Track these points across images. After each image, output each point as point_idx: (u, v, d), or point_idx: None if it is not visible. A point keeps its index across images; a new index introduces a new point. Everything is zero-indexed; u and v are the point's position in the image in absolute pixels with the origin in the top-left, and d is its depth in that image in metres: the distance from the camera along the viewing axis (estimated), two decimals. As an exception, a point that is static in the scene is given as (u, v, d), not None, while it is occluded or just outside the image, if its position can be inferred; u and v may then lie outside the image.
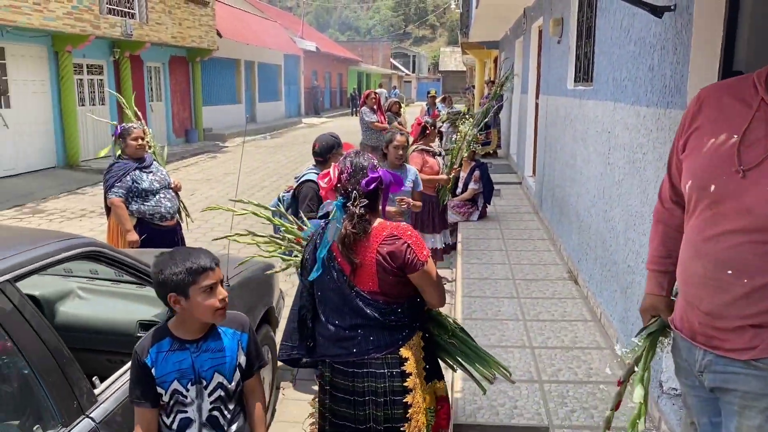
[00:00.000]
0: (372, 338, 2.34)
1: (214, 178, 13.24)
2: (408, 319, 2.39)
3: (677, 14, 3.26)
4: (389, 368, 2.35)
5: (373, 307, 2.32)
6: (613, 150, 4.58)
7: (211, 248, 7.07)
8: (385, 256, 2.27)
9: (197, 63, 19.79)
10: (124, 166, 4.81)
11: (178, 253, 2.14)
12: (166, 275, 2.09)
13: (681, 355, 1.94)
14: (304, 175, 4.23)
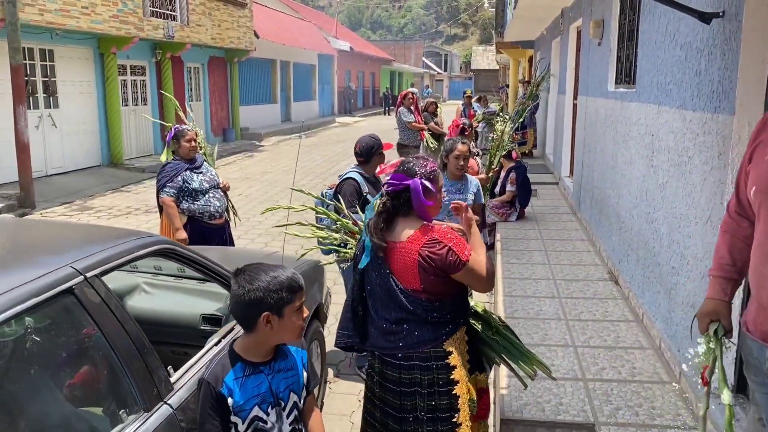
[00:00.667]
0: (416, 333, 2.48)
1: (252, 177, 13.49)
2: (451, 315, 2.52)
3: (726, 21, 3.31)
4: (435, 361, 2.48)
5: (417, 304, 2.46)
6: (657, 153, 4.62)
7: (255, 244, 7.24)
8: (426, 258, 2.40)
9: (235, 63, 20.14)
10: (176, 167, 5.01)
11: (264, 270, 2.06)
12: (261, 294, 1.99)
13: (752, 353, 2.01)
14: (346, 174, 4.39)
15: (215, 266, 3.12)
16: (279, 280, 2.04)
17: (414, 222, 2.50)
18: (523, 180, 8.07)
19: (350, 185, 4.26)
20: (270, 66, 24.63)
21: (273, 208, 3.43)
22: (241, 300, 2.03)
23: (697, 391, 3.48)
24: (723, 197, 3.26)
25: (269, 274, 2.05)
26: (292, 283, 2.06)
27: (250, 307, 2.03)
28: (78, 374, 2.30)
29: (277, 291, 2.01)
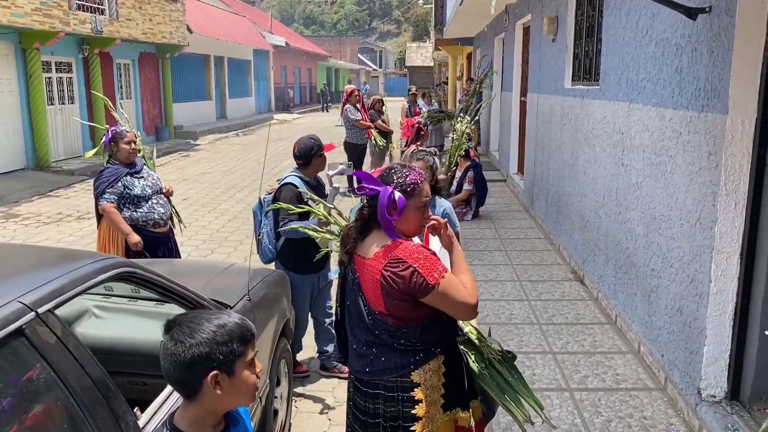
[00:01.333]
0: (383, 358, 2.19)
1: (190, 178, 12.90)
2: (422, 344, 2.19)
3: (713, 16, 3.21)
4: (400, 392, 2.19)
5: (382, 328, 2.18)
6: (628, 152, 4.54)
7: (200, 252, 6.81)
8: (388, 280, 2.10)
9: (167, 59, 19.32)
10: (116, 171, 4.59)
11: (206, 319, 1.63)
12: (207, 348, 1.57)
13: None
14: (285, 178, 4.10)
15: (177, 286, 2.79)
16: (228, 328, 1.61)
17: (384, 237, 2.19)
18: (480, 178, 7.96)
19: (290, 191, 3.94)
20: (203, 62, 23.82)
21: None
22: (180, 360, 1.56)
23: (689, 400, 3.38)
24: (715, 199, 3.16)
25: (214, 323, 1.61)
26: (243, 332, 1.64)
27: (193, 368, 1.57)
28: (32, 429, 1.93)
29: (226, 343, 1.59)
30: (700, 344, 3.29)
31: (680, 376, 3.54)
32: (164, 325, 1.63)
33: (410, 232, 2.25)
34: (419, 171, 2.26)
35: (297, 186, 3.93)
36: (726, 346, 3.21)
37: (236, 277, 3.83)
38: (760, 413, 3.15)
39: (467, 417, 2.35)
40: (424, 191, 2.22)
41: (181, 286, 2.79)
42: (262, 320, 3.38)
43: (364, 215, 2.24)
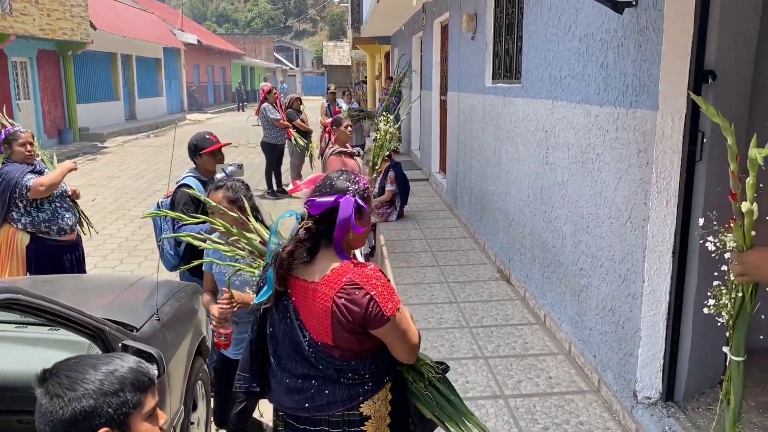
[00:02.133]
0: (327, 391, 1.92)
1: (97, 183, 12.14)
2: (370, 375, 1.95)
3: (640, 10, 3.15)
4: (347, 427, 1.95)
5: (327, 361, 1.89)
6: (553, 150, 4.48)
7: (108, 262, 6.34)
8: (342, 308, 1.82)
9: (69, 57, 18.17)
10: (19, 167, 4.15)
11: (90, 365, 1.34)
12: (92, 401, 1.28)
13: None
14: (182, 179, 3.86)
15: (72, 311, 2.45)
16: (118, 374, 1.34)
17: (332, 257, 1.90)
18: (402, 178, 7.82)
19: (183, 193, 3.67)
20: (110, 60, 22.61)
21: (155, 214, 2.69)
22: (59, 418, 1.27)
23: (625, 403, 3.32)
24: (646, 197, 3.10)
25: (101, 369, 1.33)
26: (138, 377, 1.37)
27: (75, 427, 1.28)
28: None
29: (116, 393, 1.32)
30: (635, 345, 3.23)
31: (614, 378, 3.48)
32: (38, 376, 1.32)
33: (358, 244, 2.03)
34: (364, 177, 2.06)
35: (192, 187, 3.65)
36: (660, 347, 3.16)
37: (145, 293, 3.49)
38: (695, 413, 3.12)
39: None
40: (372, 197, 2.04)
41: (76, 310, 2.45)
42: (174, 340, 3.07)
43: (313, 232, 1.90)
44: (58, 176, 4.15)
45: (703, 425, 3.02)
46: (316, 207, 1.88)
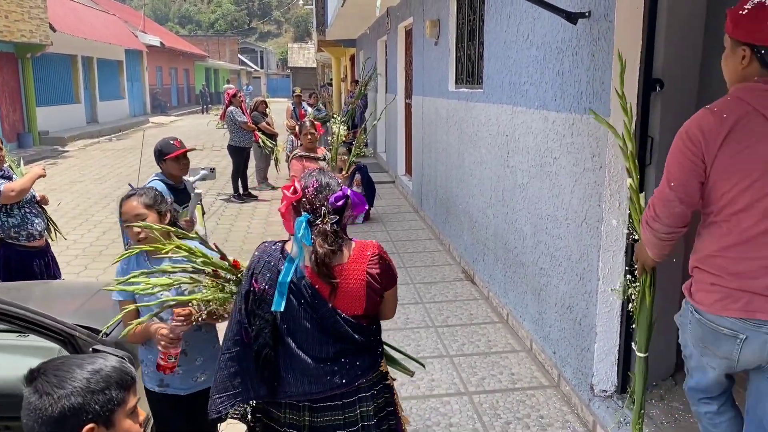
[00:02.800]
0: (358, 363, 2.13)
1: (59, 188, 11.95)
2: (376, 338, 2.21)
3: (593, 21, 3.30)
4: (375, 387, 2.19)
5: (359, 330, 2.11)
6: (513, 153, 4.62)
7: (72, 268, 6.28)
8: (375, 277, 2.09)
9: (28, 59, 17.81)
10: None
11: (76, 365, 1.42)
12: (80, 399, 1.36)
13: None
14: (148, 182, 3.96)
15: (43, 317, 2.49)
16: (104, 373, 1.42)
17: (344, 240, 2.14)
18: (367, 180, 7.91)
19: None
20: (70, 62, 22.22)
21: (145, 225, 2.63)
22: (48, 414, 1.34)
23: (583, 396, 3.47)
24: (600, 199, 3.25)
25: (87, 369, 1.41)
26: (122, 376, 1.45)
27: (64, 423, 1.35)
28: None
29: (102, 391, 1.39)
30: (591, 341, 3.38)
31: (573, 373, 3.62)
32: (26, 375, 1.39)
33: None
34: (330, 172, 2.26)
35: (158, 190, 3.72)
36: (615, 342, 3.31)
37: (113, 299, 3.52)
38: (648, 404, 3.27)
39: None
40: None
41: (46, 315, 2.49)
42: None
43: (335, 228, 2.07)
44: (28, 182, 4.15)
45: (655, 415, 3.18)
46: (339, 200, 2.08)
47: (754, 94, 2.07)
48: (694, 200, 2.17)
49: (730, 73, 2.21)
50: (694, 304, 2.22)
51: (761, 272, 2.06)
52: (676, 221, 2.21)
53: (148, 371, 2.65)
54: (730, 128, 2.05)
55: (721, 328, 2.13)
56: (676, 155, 2.18)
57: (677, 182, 2.16)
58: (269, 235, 7.95)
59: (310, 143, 6.27)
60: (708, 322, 2.16)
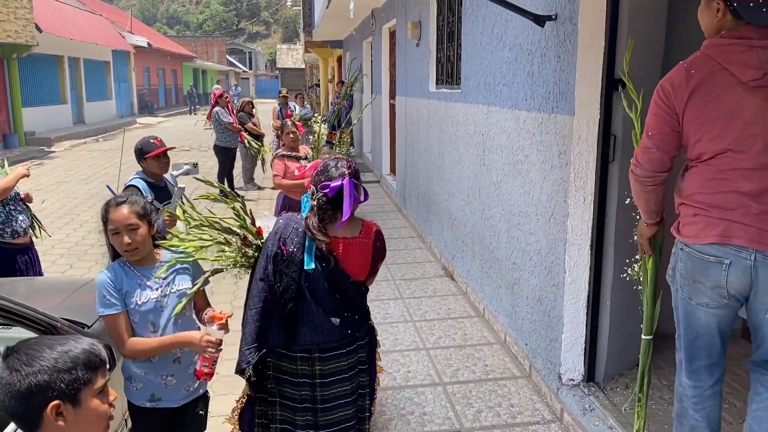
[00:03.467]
0: (357, 317, 2.60)
1: (45, 188, 11.96)
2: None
3: (559, 23, 3.43)
4: (369, 334, 2.70)
5: (360, 292, 2.61)
6: (489, 152, 4.75)
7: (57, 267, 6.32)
8: (379, 249, 2.58)
9: (14, 60, 17.77)
10: None
11: (48, 345, 1.52)
12: (47, 376, 1.45)
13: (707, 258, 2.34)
14: (130, 181, 4.09)
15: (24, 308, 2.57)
16: (72, 354, 1.51)
17: (355, 219, 2.55)
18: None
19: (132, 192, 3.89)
20: (57, 63, 22.17)
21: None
22: (17, 389, 1.43)
23: (552, 385, 3.60)
24: (566, 195, 3.37)
25: (57, 349, 1.51)
26: (90, 357, 1.53)
27: (30, 398, 1.44)
28: None
29: (69, 370, 1.48)
30: (559, 332, 3.51)
31: (543, 363, 3.75)
32: (2, 353, 1.50)
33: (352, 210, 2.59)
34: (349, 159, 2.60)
35: (139, 188, 3.90)
36: (581, 333, 3.44)
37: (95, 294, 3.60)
38: (613, 392, 3.41)
39: None
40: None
41: (28, 307, 2.57)
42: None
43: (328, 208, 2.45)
44: (12, 181, 4.22)
45: (619, 403, 3.31)
46: (331, 190, 2.43)
47: (719, 49, 2.26)
48: (669, 146, 2.40)
49: (706, 25, 2.36)
50: (682, 239, 2.41)
51: (734, 203, 2.26)
52: (655, 166, 2.44)
53: (136, 387, 2.56)
54: (697, 84, 2.27)
55: (707, 256, 2.31)
56: (652, 108, 2.41)
57: (653, 131, 2.40)
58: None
59: (293, 142, 6.36)
60: (695, 252, 2.35)
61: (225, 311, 2.52)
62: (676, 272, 2.48)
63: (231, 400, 3.63)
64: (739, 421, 3.09)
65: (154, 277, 2.51)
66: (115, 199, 2.51)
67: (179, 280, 2.58)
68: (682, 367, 2.53)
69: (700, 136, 2.30)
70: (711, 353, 2.45)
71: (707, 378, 2.47)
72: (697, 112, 2.28)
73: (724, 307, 2.35)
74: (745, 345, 3.90)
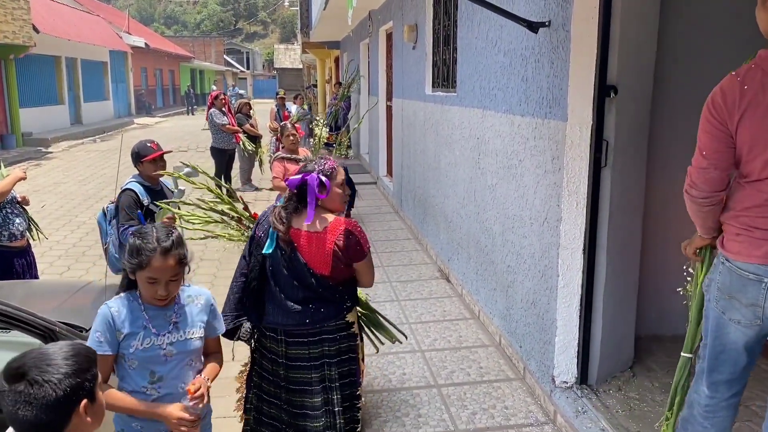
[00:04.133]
0: (322, 310, 2.73)
1: (42, 189, 11.98)
2: (349, 295, 2.83)
3: (552, 30, 3.47)
4: (339, 332, 2.79)
5: (324, 286, 2.71)
6: (484, 156, 4.79)
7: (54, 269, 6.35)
8: (341, 248, 2.66)
9: (11, 61, 17.80)
10: None
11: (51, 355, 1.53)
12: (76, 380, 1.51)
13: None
14: (126, 184, 4.15)
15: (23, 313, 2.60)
16: (83, 355, 1.57)
17: (325, 213, 2.72)
18: (349, 182, 8.03)
19: (128, 197, 4.01)
20: (54, 63, 22.19)
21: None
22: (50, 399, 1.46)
23: (545, 388, 3.64)
24: (559, 199, 3.41)
25: (65, 353, 1.54)
26: (92, 354, 1.61)
27: (65, 404, 1.49)
28: None
29: (88, 369, 1.55)
30: (552, 334, 3.55)
31: (537, 366, 3.79)
32: (6, 374, 1.50)
33: (336, 207, 2.79)
34: (333, 159, 2.81)
35: (135, 191, 4.00)
36: (574, 335, 3.48)
37: (92, 297, 3.63)
38: (605, 395, 3.45)
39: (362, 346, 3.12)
40: (340, 174, 2.80)
41: (27, 311, 2.60)
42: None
43: (294, 200, 2.73)
44: (9, 184, 4.25)
45: (611, 405, 3.35)
46: (290, 183, 2.73)
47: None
48: (726, 164, 2.27)
49: (764, 26, 2.21)
50: (724, 253, 2.34)
51: None
52: (713, 186, 2.31)
53: None
54: (750, 100, 2.14)
55: (747, 273, 2.24)
56: (704, 124, 2.28)
57: (708, 149, 2.27)
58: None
59: (292, 144, 6.39)
60: (736, 268, 2.28)
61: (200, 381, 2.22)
62: (713, 284, 2.41)
63: (227, 402, 3.68)
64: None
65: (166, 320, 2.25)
66: (161, 244, 2.15)
67: (190, 329, 2.29)
68: (702, 377, 2.47)
69: (752, 156, 2.19)
70: (734, 369, 2.39)
71: (725, 391, 2.42)
72: (749, 131, 2.16)
73: (756, 327, 2.28)
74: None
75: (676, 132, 3.77)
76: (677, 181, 3.90)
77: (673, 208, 3.99)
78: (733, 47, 3.77)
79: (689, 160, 2.38)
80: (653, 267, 3.96)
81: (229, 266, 7.26)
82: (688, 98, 3.84)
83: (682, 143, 3.88)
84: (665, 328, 4.13)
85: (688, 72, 3.73)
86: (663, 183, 3.80)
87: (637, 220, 3.47)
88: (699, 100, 3.81)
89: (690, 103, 3.86)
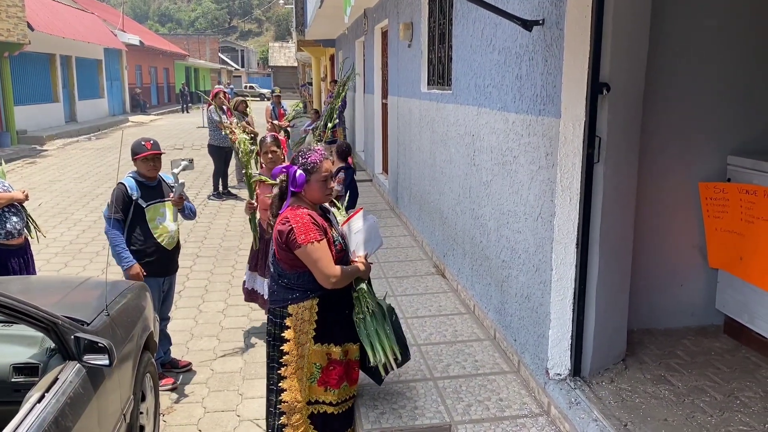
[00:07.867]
0: (275, 291, 3.04)
1: (38, 187, 12.00)
2: (299, 286, 2.98)
3: (546, 28, 3.52)
4: (279, 319, 3.01)
5: (276, 267, 3.02)
6: (479, 152, 4.84)
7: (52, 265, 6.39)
8: (277, 232, 2.94)
9: (6, 58, 17.78)
10: None
11: None
12: None
13: None
14: (122, 179, 4.25)
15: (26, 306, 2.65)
16: None
17: (301, 203, 2.98)
18: (351, 183, 8.08)
19: (118, 190, 4.16)
20: (48, 61, 22.17)
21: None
22: None
23: (539, 380, 3.70)
24: (553, 195, 3.47)
25: None
26: None
27: None
28: None
29: None
30: (546, 328, 3.61)
31: (531, 359, 3.85)
32: None
33: (316, 199, 3.01)
34: (321, 152, 2.97)
35: (126, 185, 4.14)
36: (568, 328, 3.54)
37: (93, 292, 3.67)
38: (598, 386, 3.51)
39: (338, 352, 3.11)
40: (323, 168, 2.95)
41: (29, 304, 2.64)
42: (123, 335, 3.28)
43: (282, 187, 3.05)
44: (4, 202, 4.29)
45: (604, 396, 3.41)
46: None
47: None
48: None
49: None
50: None
51: None
52: None
53: None
54: None
55: None
56: None
57: None
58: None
59: (271, 163, 4.87)
60: None
61: None
62: None
63: (226, 396, 3.73)
64: (719, 414, 3.21)
65: None
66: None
67: None
68: None
69: None
70: None
71: None
72: None
73: None
74: (726, 340, 4.02)
75: (668, 128, 3.83)
76: (669, 175, 3.99)
77: (664, 202, 4.06)
78: (724, 44, 3.84)
79: (680, 155, 2.42)
80: (645, 262, 4.03)
81: (225, 263, 7.30)
82: (680, 95, 3.92)
83: (673, 139, 3.95)
84: (657, 322, 4.20)
85: (680, 69, 3.79)
86: (655, 178, 3.86)
87: (629, 214, 3.53)
88: (690, 96, 3.91)
89: (681, 99, 3.94)
